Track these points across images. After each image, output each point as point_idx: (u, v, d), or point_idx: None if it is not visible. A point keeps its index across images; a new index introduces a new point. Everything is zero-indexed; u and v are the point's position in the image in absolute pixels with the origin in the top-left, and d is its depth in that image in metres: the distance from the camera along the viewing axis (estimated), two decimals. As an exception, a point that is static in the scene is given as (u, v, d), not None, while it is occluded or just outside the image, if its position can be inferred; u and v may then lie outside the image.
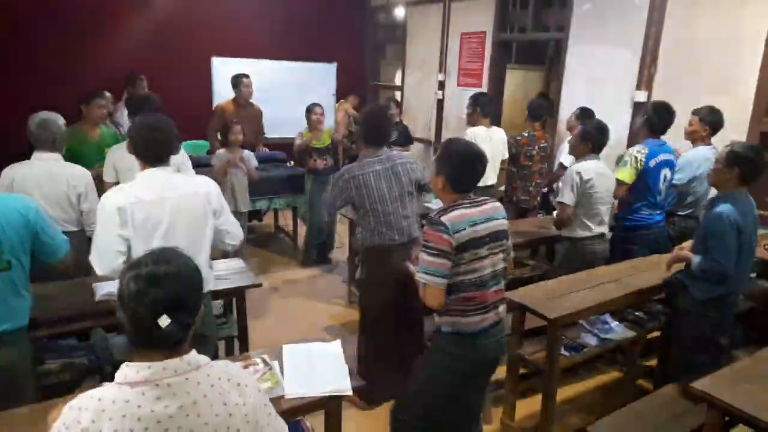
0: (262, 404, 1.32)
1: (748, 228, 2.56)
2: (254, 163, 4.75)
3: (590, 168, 3.21)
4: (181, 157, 3.36)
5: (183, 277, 1.19)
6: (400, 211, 2.87)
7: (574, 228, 3.31)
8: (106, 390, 1.15)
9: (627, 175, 3.42)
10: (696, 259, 2.60)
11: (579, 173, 3.19)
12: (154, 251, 1.24)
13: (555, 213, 3.51)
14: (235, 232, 2.36)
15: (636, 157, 3.42)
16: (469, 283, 1.99)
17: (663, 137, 3.58)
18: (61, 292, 2.58)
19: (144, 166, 2.15)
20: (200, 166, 4.32)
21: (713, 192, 2.97)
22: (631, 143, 4.26)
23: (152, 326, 1.13)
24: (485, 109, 4.45)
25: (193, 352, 1.23)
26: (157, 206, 2.08)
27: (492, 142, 4.43)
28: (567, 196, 3.24)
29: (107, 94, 4.47)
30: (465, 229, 1.93)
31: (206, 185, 2.26)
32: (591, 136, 3.26)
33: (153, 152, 2.14)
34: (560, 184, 3.45)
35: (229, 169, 4.48)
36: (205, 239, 2.22)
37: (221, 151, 4.59)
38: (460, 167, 2.03)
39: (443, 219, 1.93)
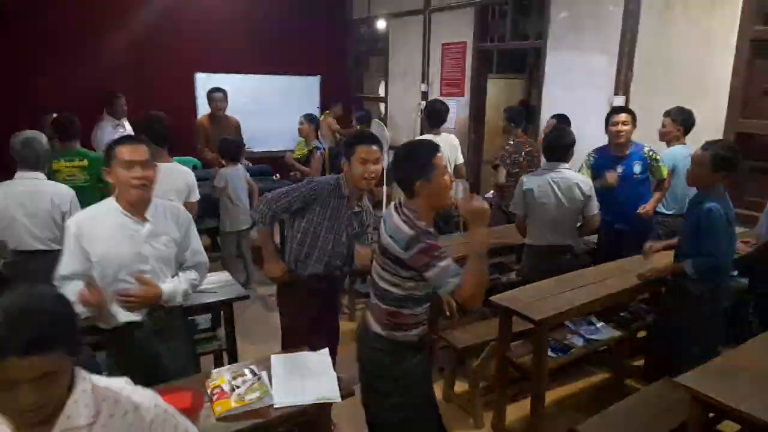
0: None
1: (732, 221, 2.66)
2: None
3: (533, 180, 3.21)
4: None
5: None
6: None
7: (528, 236, 3.34)
8: None
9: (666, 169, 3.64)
10: (689, 264, 2.63)
11: (520, 185, 3.27)
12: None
13: None
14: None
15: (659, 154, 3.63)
16: (425, 296, 2.00)
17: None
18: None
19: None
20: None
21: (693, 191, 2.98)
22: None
23: None
24: (432, 120, 4.36)
25: None
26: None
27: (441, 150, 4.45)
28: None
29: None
30: None
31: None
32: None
33: None
34: None
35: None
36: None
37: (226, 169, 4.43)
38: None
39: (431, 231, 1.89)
